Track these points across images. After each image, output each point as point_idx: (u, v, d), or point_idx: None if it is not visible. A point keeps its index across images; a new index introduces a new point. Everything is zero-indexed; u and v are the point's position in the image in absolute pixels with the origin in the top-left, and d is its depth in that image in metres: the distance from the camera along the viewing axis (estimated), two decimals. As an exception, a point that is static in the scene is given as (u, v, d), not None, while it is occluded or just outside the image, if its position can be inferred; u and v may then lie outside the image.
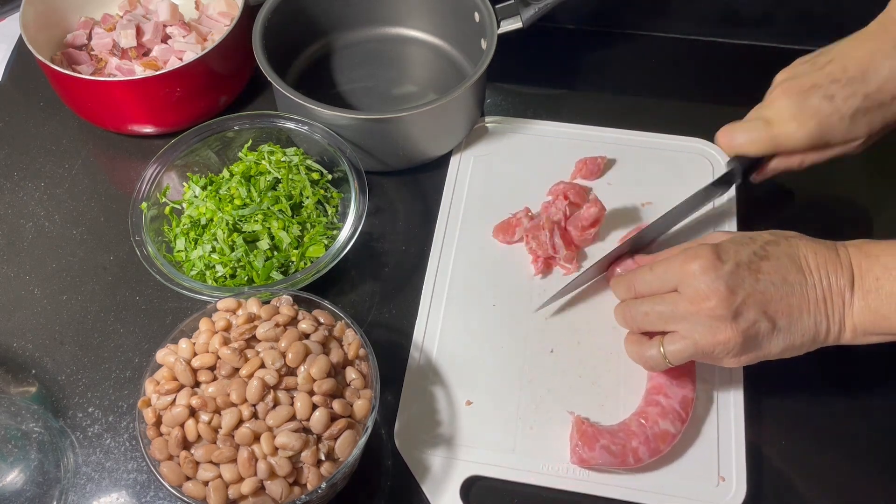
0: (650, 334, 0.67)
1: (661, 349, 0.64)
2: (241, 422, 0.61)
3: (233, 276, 0.76)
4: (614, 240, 0.81)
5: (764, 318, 0.61)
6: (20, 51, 1.00)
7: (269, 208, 0.77)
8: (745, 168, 0.75)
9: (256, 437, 0.60)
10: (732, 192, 0.83)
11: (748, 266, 0.61)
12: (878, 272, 0.60)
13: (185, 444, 0.61)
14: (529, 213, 0.82)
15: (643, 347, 0.66)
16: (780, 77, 0.73)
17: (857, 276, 0.61)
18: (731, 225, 0.82)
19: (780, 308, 0.61)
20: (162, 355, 0.65)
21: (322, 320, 0.67)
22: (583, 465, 0.67)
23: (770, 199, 0.85)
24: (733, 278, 0.61)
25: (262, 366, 0.62)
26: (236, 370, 0.63)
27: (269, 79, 0.83)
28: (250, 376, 0.62)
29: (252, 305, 0.67)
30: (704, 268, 0.61)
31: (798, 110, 0.69)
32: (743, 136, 0.73)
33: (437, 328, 0.77)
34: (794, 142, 0.70)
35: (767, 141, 0.72)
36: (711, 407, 0.71)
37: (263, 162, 0.81)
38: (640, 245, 0.77)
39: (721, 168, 0.86)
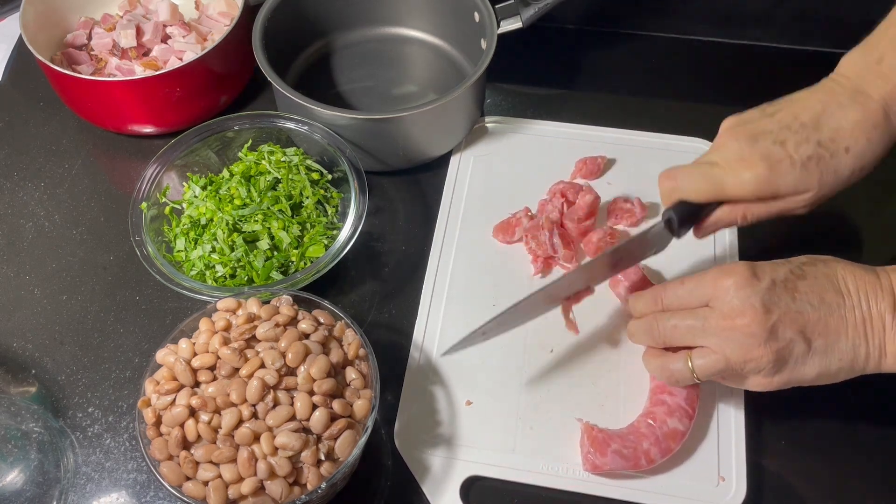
0: (672, 350, 0.65)
1: (690, 363, 0.63)
2: (241, 422, 0.61)
3: (233, 276, 0.76)
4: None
5: (800, 338, 0.59)
6: (20, 51, 1.01)
7: (269, 208, 0.77)
8: (685, 217, 0.65)
9: (256, 437, 0.60)
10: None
11: (784, 284, 0.60)
12: None
13: (185, 444, 0.61)
14: (529, 213, 0.82)
15: (667, 361, 0.64)
16: (725, 124, 0.67)
17: None
18: (732, 235, 0.81)
19: (816, 329, 0.59)
20: (162, 355, 0.65)
21: (322, 320, 0.67)
22: (595, 471, 0.67)
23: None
24: (769, 296, 0.59)
25: (262, 366, 0.62)
26: (236, 370, 0.63)
27: (269, 79, 0.83)
28: (250, 376, 0.62)
29: (252, 305, 0.67)
30: (739, 284, 0.60)
31: (748, 153, 0.63)
32: (686, 177, 0.65)
33: (437, 328, 0.77)
34: (742, 187, 0.63)
35: (713, 185, 0.64)
36: (712, 407, 0.71)
37: (263, 162, 0.81)
38: (576, 284, 0.72)
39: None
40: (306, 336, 0.65)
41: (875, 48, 0.65)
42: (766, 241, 0.81)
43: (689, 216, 0.66)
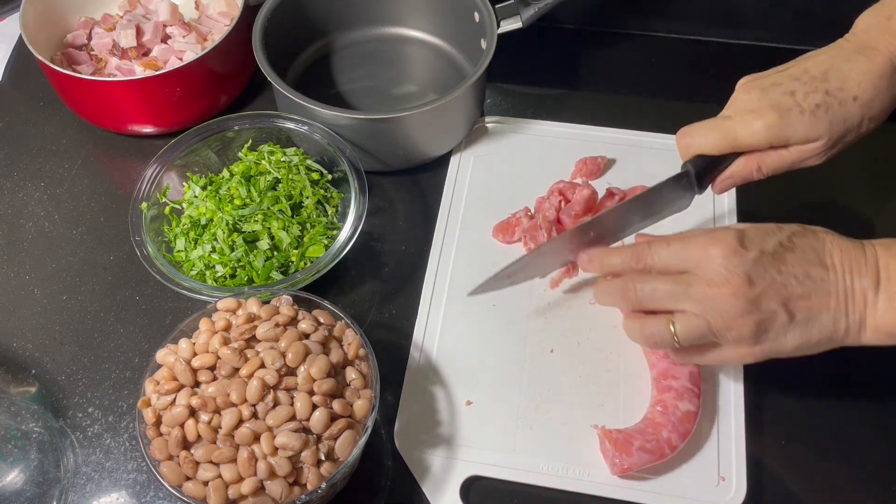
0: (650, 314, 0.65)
1: (672, 327, 0.62)
2: (241, 422, 0.61)
3: (233, 276, 0.76)
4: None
5: (782, 310, 0.59)
6: (20, 51, 1.01)
7: (269, 208, 0.77)
8: (701, 170, 0.68)
9: (256, 437, 0.60)
10: (733, 193, 0.83)
11: (772, 256, 0.60)
12: None
13: (185, 444, 0.61)
14: (529, 213, 0.82)
15: (647, 323, 0.64)
16: (741, 81, 0.70)
17: (883, 277, 0.59)
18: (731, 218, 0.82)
19: (799, 302, 0.59)
20: (162, 355, 0.65)
21: (322, 320, 0.67)
22: (625, 473, 0.67)
23: (771, 202, 0.83)
24: (755, 267, 0.59)
25: (262, 366, 0.62)
26: (236, 370, 0.63)
27: (269, 79, 0.83)
28: (250, 376, 0.62)
29: (252, 305, 0.67)
30: (727, 253, 0.59)
31: (758, 103, 0.66)
32: (699, 131, 0.68)
33: (437, 328, 0.77)
34: (753, 134, 0.66)
35: (725, 135, 0.67)
36: (712, 407, 0.71)
37: (263, 162, 0.81)
38: (600, 233, 0.71)
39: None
40: (306, 336, 0.65)
41: (886, 6, 0.68)
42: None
43: (706, 169, 0.68)
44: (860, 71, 0.65)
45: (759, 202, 0.83)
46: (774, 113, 0.65)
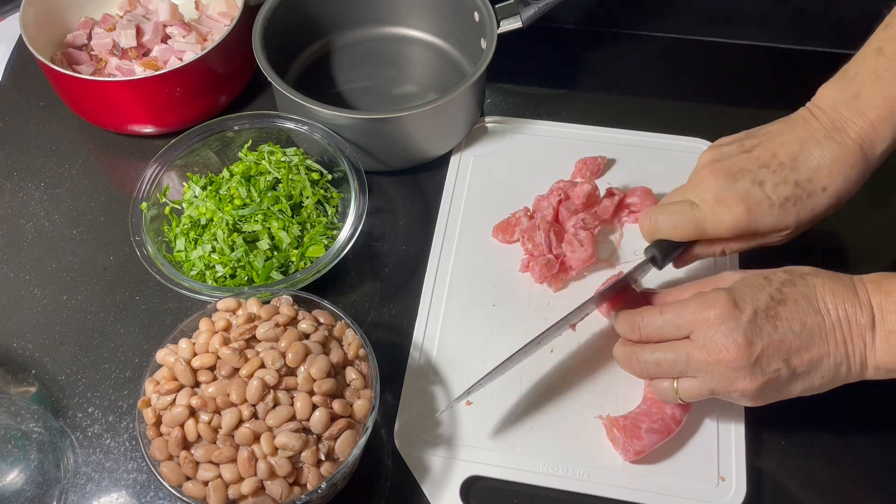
0: None
1: (675, 385, 0.63)
2: (241, 422, 0.61)
3: (233, 276, 0.76)
4: (611, 245, 0.81)
5: (784, 365, 0.59)
6: (20, 51, 1.01)
7: (269, 208, 0.77)
8: (664, 254, 0.68)
9: (256, 437, 0.60)
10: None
11: (766, 313, 0.59)
12: None
13: (185, 444, 0.61)
14: (528, 213, 0.82)
15: (654, 383, 0.65)
16: (704, 157, 0.68)
17: (877, 316, 0.59)
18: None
19: (799, 354, 0.59)
20: (162, 355, 0.65)
21: (322, 320, 0.67)
22: (638, 456, 0.67)
23: None
24: (751, 328, 0.59)
25: (262, 366, 0.62)
26: (236, 370, 0.63)
27: (269, 79, 0.83)
28: (250, 376, 0.62)
29: (252, 305, 0.67)
30: (721, 316, 0.59)
31: (726, 193, 0.64)
32: (666, 218, 0.67)
33: (437, 328, 0.77)
34: (721, 227, 0.65)
35: (692, 225, 0.66)
36: (712, 407, 0.71)
37: (263, 162, 0.81)
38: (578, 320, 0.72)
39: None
40: (306, 336, 0.65)
41: (853, 81, 0.65)
42: (767, 256, 0.81)
43: (671, 251, 0.68)
44: (830, 160, 0.63)
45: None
46: (743, 206, 0.64)
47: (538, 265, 0.77)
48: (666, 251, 0.68)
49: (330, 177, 0.82)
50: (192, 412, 0.61)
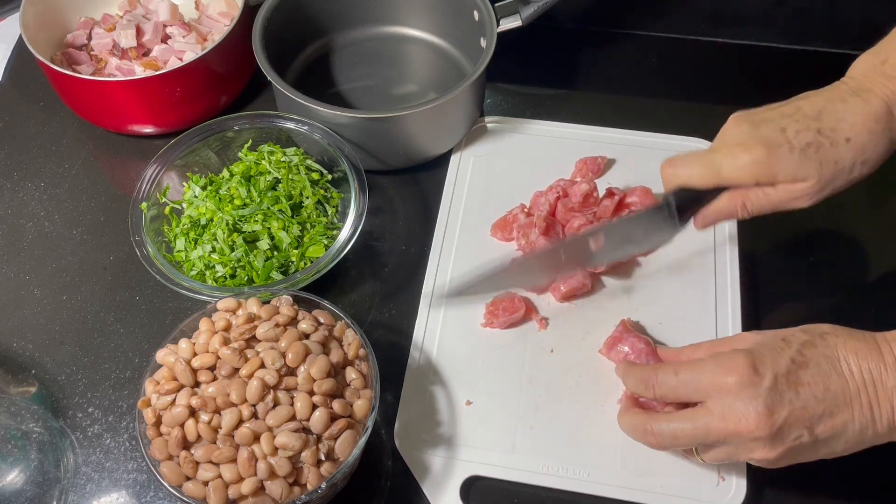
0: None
1: (697, 454, 0.62)
2: (241, 422, 0.61)
3: (233, 276, 0.76)
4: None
5: (806, 433, 0.56)
6: (20, 51, 1.00)
7: (269, 208, 0.77)
8: (684, 203, 0.66)
9: (256, 437, 0.60)
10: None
11: (787, 378, 0.56)
12: None
13: (185, 444, 0.61)
14: (525, 210, 0.82)
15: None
16: (733, 115, 0.67)
17: None
18: (733, 245, 0.80)
19: (822, 421, 0.56)
20: (162, 355, 0.65)
21: (322, 320, 0.67)
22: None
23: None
24: (772, 396, 0.56)
25: (262, 366, 0.62)
26: (236, 370, 0.63)
27: (269, 78, 0.83)
28: (250, 376, 0.62)
29: (252, 305, 0.67)
30: (740, 383, 0.56)
31: (747, 137, 0.63)
32: (685, 163, 0.65)
33: (437, 328, 0.77)
34: (739, 168, 0.63)
35: (710, 168, 0.64)
36: (711, 407, 0.71)
37: (263, 162, 0.81)
38: (573, 255, 0.70)
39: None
40: (306, 336, 0.65)
41: (882, 50, 0.66)
42: (767, 256, 0.81)
43: (689, 202, 0.66)
44: (855, 112, 0.63)
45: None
46: (762, 148, 0.62)
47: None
48: (684, 199, 0.65)
49: (330, 177, 0.82)
50: (192, 412, 0.61)
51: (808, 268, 0.81)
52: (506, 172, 0.87)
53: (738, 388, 0.56)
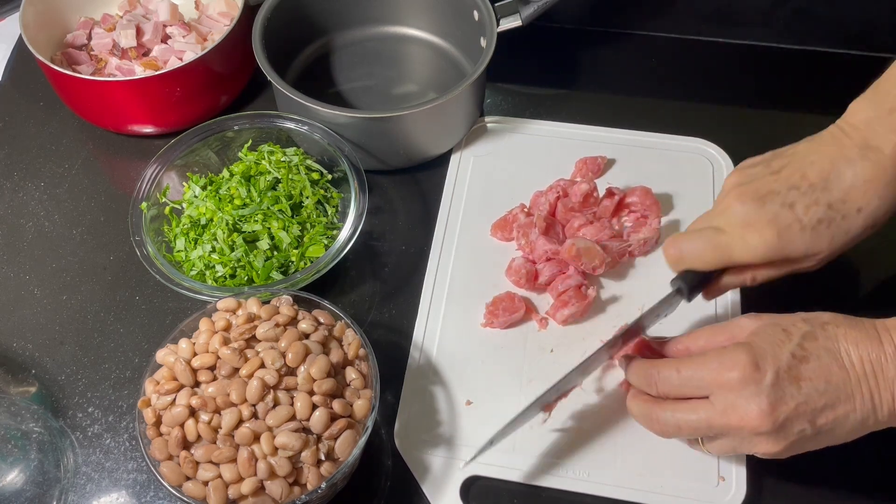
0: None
1: (701, 444, 0.62)
2: (241, 422, 0.61)
3: (233, 276, 0.76)
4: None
5: (809, 426, 0.57)
6: (20, 51, 1.00)
7: (269, 208, 0.77)
8: (694, 285, 0.64)
9: (256, 437, 0.60)
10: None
11: (788, 373, 0.56)
12: None
13: (185, 444, 0.61)
14: (525, 209, 0.82)
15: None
16: (730, 181, 0.64)
17: None
18: None
19: (824, 413, 0.56)
20: (162, 355, 0.65)
21: (322, 320, 0.67)
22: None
23: None
24: (775, 391, 0.56)
25: (262, 366, 0.62)
26: (236, 370, 0.63)
27: (269, 78, 0.83)
28: (250, 376, 0.62)
29: (252, 305, 0.67)
30: (742, 380, 0.56)
31: (755, 217, 0.61)
32: (691, 246, 0.63)
33: (437, 328, 0.77)
34: (750, 253, 0.61)
35: (719, 252, 0.62)
36: (711, 407, 0.71)
37: (263, 162, 0.81)
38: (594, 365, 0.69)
39: (721, 169, 0.86)
40: (306, 336, 0.65)
41: (886, 96, 0.62)
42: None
43: (698, 283, 0.65)
44: (864, 179, 0.60)
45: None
46: (773, 230, 0.60)
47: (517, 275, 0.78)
48: (693, 282, 0.64)
49: (330, 177, 0.82)
50: (192, 412, 0.61)
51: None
52: (506, 172, 0.87)
53: (739, 385, 0.56)
